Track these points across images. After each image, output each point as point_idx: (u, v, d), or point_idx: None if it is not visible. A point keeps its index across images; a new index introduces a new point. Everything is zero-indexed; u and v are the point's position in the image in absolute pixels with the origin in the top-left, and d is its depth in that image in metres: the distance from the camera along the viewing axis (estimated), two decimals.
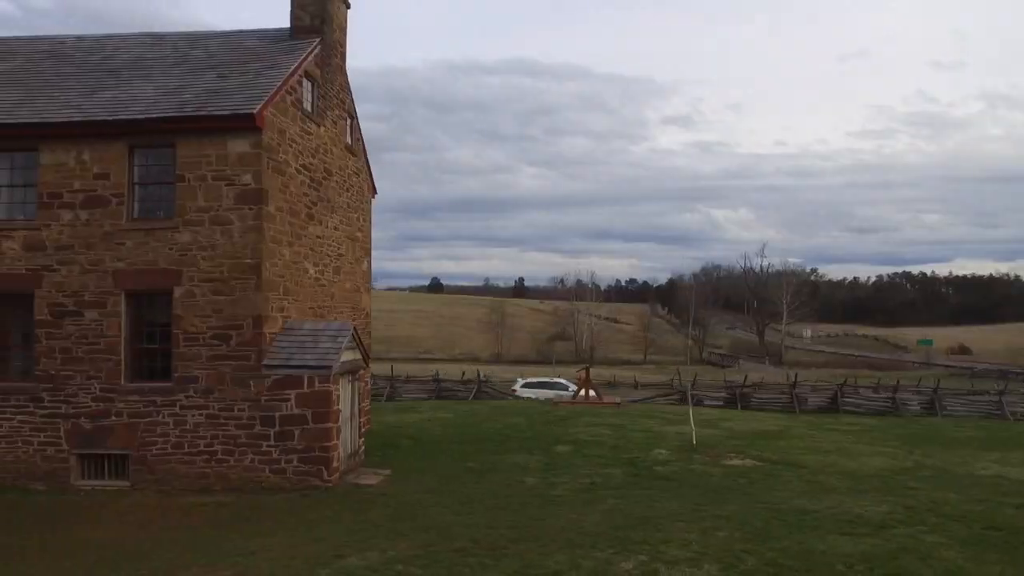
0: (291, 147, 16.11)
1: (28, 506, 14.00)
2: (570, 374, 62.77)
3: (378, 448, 18.65)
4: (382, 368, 43.34)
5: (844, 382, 35.78)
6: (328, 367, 14.78)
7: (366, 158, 21.80)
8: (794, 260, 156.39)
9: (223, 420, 14.84)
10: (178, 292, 14.94)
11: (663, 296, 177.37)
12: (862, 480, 16.04)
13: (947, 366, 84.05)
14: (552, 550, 10.82)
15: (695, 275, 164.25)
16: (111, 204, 15.12)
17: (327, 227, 18.39)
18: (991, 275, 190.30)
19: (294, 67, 16.32)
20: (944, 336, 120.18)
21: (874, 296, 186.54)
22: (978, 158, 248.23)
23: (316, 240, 17.66)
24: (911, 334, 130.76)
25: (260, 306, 14.81)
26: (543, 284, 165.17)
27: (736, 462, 17.75)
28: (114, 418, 15.04)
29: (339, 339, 15.41)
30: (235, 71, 16.51)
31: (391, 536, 11.80)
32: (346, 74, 19.61)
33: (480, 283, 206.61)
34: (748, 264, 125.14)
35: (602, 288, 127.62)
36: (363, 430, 17.37)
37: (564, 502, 13.77)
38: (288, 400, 14.74)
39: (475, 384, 37.25)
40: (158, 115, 14.88)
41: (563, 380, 39.98)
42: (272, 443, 14.76)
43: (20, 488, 15.08)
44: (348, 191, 20.02)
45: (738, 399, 33.50)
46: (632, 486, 15.14)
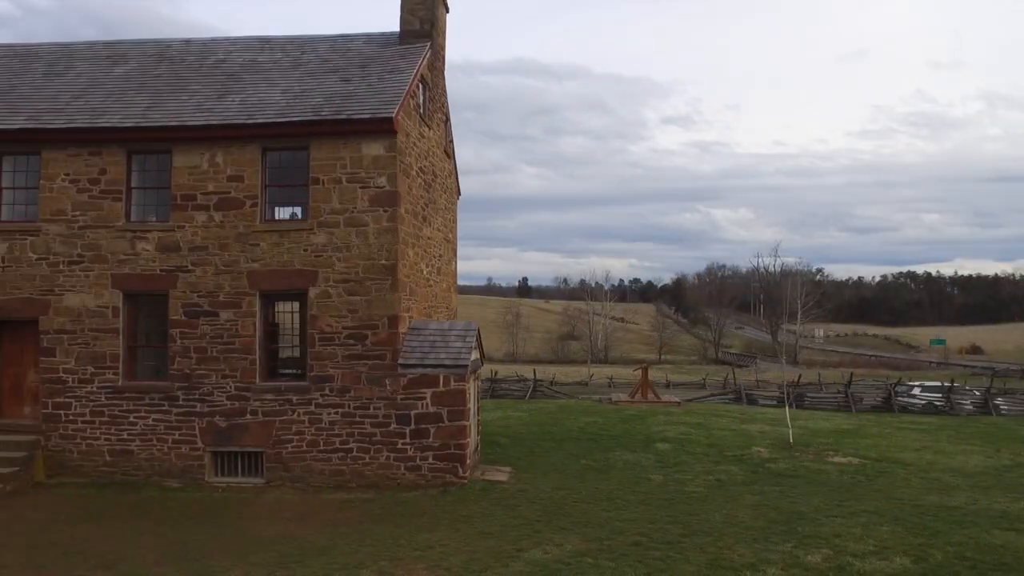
0: (413, 150, 16.40)
1: (174, 502, 14.25)
2: (583, 373, 63.16)
3: (482, 446, 18.94)
4: None
5: (899, 380, 36.11)
6: (464, 366, 15.08)
7: (454, 160, 22.09)
8: (794, 260, 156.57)
9: (359, 418, 15.12)
10: (313, 292, 15.21)
11: (669, 295, 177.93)
12: (975, 477, 16.37)
13: (964, 366, 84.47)
14: (729, 543, 11.15)
15: (700, 275, 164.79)
16: (245, 206, 15.39)
17: (433, 228, 18.69)
18: (996, 275, 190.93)
19: (415, 71, 16.61)
20: (954, 336, 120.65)
21: (880, 296, 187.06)
22: (978, 158, 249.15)
23: (427, 241, 17.96)
24: (921, 334, 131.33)
25: (395, 306, 15.10)
26: (546, 284, 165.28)
27: (840, 460, 18.07)
28: (249, 416, 15.31)
29: (468, 339, 15.71)
30: (355, 75, 16.79)
31: (555, 531, 12.12)
32: (445, 77, 19.88)
33: (483, 282, 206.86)
34: (761, 264, 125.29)
35: (606, 288, 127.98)
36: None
37: (704, 498, 14.08)
38: (423, 398, 15.03)
39: (530, 383, 37.60)
40: (296, 119, 15.15)
41: None
42: (408, 440, 15.04)
43: (156, 485, 15.34)
44: (445, 193, 20.32)
45: (792, 398, 33.79)
46: (759, 483, 15.44)
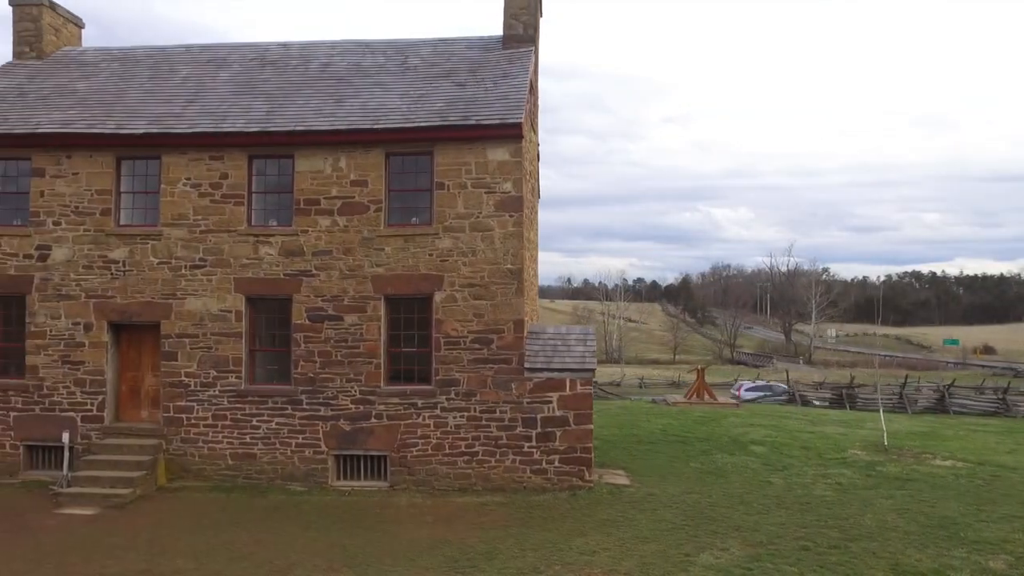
0: (527, 154, 16.48)
1: (307, 506, 14.30)
2: (607, 374, 63.33)
3: None
4: None
5: (952, 382, 36.30)
6: (590, 370, 15.18)
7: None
8: (806, 260, 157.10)
9: (484, 422, 15.19)
10: (439, 297, 15.29)
11: (674, 295, 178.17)
12: None
13: (983, 366, 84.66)
14: (898, 548, 11.26)
15: (704, 275, 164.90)
16: (369, 211, 15.46)
17: (534, 231, 18.78)
18: (1002, 274, 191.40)
19: (528, 76, 16.69)
20: (964, 336, 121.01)
21: (887, 295, 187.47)
22: (977, 157, 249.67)
23: (531, 244, 18.05)
24: (931, 334, 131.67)
25: (520, 310, 15.18)
26: (549, 283, 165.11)
27: (943, 463, 18.17)
28: (374, 420, 15.38)
29: (588, 343, 15.80)
30: (469, 80, 16.86)
31: (710, 535, 12.23)
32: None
33: None
34: (774, 264, 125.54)
35: (609, 287, 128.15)
36: None
37: (838, 502, 14.17)
38: (550, 402, 15.11)
39: None
40: (423, 124, 15.20)
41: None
42: (534, 444, 15.12)
43: (279, 489, 15.40)
44: (537, 195, 20.40)
45: (845, 399, 33.98)
46: (882, 486, 15.52)
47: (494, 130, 15.07)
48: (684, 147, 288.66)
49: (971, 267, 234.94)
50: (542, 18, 19.58)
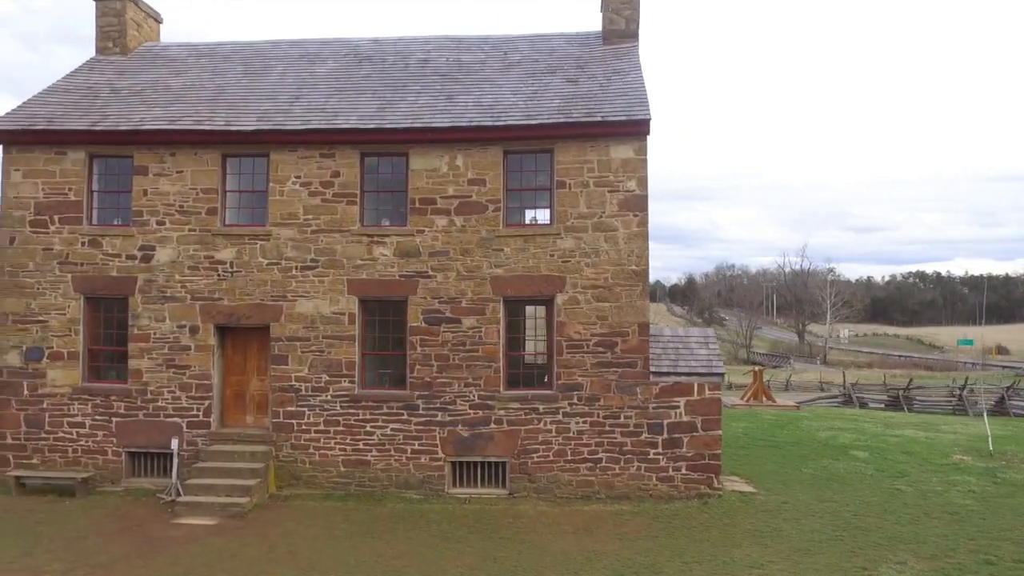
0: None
1: (434, 515, 13.83)
2: None
3: None
4: None
5: (1013, 383, 35.82)
6: (720, 374, 14.75)
7: None
8: (810, 260, 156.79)
9: (608, 427, 14.75)
10: (561, 299, 14.83)
11: (680, 295, 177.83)
12: None
13: (1006, 367, 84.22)
14: None
15: (708, 275, 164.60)
16: (487, 210, 15.00)
17: None
18: (1007, 274, 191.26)
19: (642, 72, 16.25)
20: (975, 335, 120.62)
21: (894, 295, 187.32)
22: (977, 157, 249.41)
23: None
24: (941, 333, 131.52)
25: (645, 312, 14.74)
26: None
27: None
28: (493, 425, 14.92)
29: (711, 345, 15.36)
30: (578, 76, 16.43)
31: (874, 548, 11.86)
32: None
33: None
34: (785, 264, 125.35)
35: None
36: None
37: (985, 512, 13.73)
38: (676, 407, 14.67)
39: None
40: (545, 121, 14.74)
41: None
42: (660, 450, 14.68)
43: (395, 496, 14.94)
44: None
45: (903, 401, 33.58)
46: (1017, 494, 15.08)
47: (619, 127, 14.62)
48: (683, 146, 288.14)
49: (970, 267, 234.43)
50: None
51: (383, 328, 15.46)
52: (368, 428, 15.14)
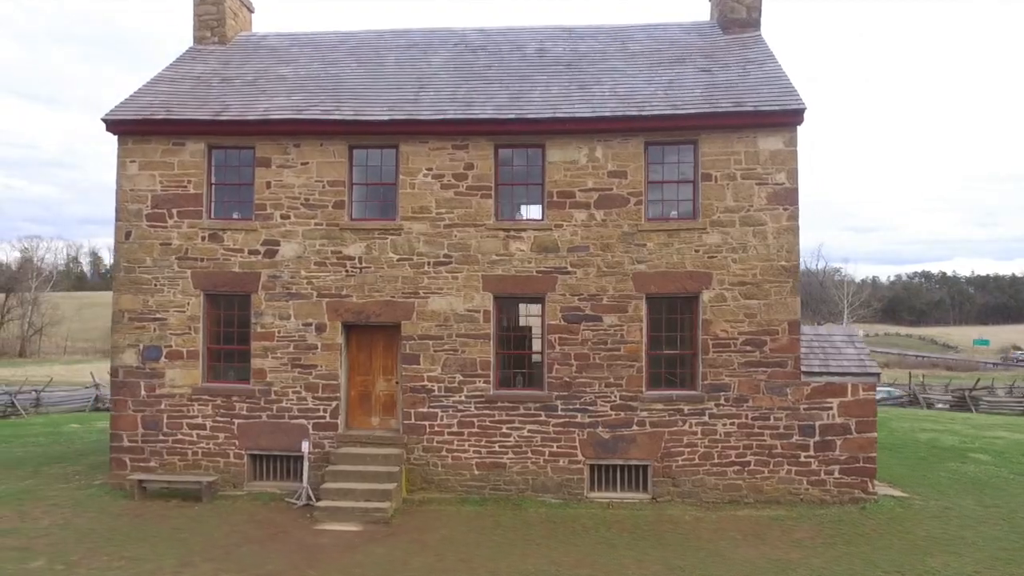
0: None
1: (587, 520, 13.25)
2: None
3: None
4: None
5: None
6: (874, 374, 14.22)
7: None
8: (827, 261, 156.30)
9: (757, 429, 14.21)
10: (707, 296, 14.29)
11: None
12: None
13: None
14: None
15: None
16: (628, 204, 14.45)
17: None
18: (1013, 275, 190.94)
19: (775, 60, 15.72)
20: (990, 335, 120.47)
21: (902, 295, 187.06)
22: (977, 157, 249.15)
23: None
24: (953, 333, 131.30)
25: (796, 310, 14.19)
26: None
27: None
28: (635, 427, 14.38)
29: (858, 344, 14.85)
30: (711, 66, 15.89)
31: None
32: None
33: None
34: (804, 265, 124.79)
35: None
36: None
37: None
38: (829, 408, 14.13)
39: None
40: (692, 111, 14.20)
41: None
42: (811, 453, 14.14)
43: (532, 501, 14.39)
44: None
45: (969, 402, 33.11)
46: None
47: (770, 117, 14.09)
48: None
49: (969, 267, 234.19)
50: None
51: (518, 326, 14.89)
52: (504, 430, 14.57)
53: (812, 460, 14.14)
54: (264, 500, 14.50)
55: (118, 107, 15.29)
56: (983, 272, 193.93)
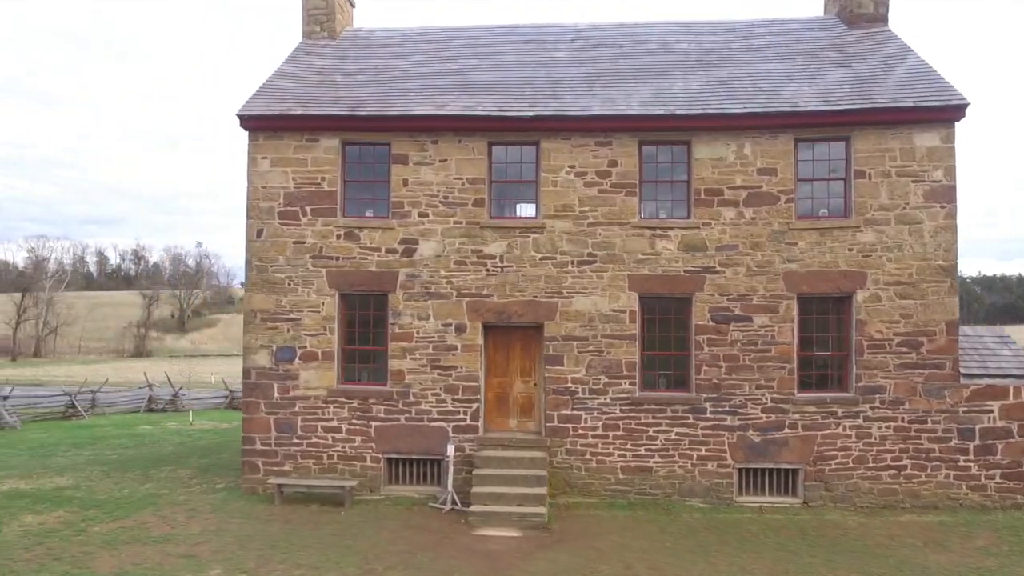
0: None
1: (752, 526, 12.92)
2: None
3: None
4: None
5: None
6: None
7: None
8: None
9: (914, 433, 13.89)
10: (861, 296, 13.97)
11: None
12: None
13: None
14: None
15: None
16: (778, 202, 14.14)
17: None
18: (1020, 275, 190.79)
19: (916, 55, 15.41)
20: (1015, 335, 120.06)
21: None
22: (975, 157, 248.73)
23: None
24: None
25: (954, 310, 13.87)
26: None
27: None
28: (787, 430, 14.06)
29: (1012, 345, 14.54)
30: (848, 61, 15.56)
31: None
32: None
33: None
34: None
35: None
36: None
37: None
38: (990, 411, 13.82)
39: None
40: (847, 107, 13.89)
41: None
42: (971, 457, 13.83)
43: (680, 505, 14.07)
44: None
45: None
46: None
47: (929, 113, 13.77)
48: None
49: (976, 267, 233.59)
50: None
51: (663, 326, 14.56)
52: (651, 432, 14.25)
53: (972, 464, 13.83)
54: (405, 505, 14.17)
55: (249, 102, 14.95)
56: (989, 272, 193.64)
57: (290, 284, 14.72)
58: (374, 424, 14.59)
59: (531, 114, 14.23)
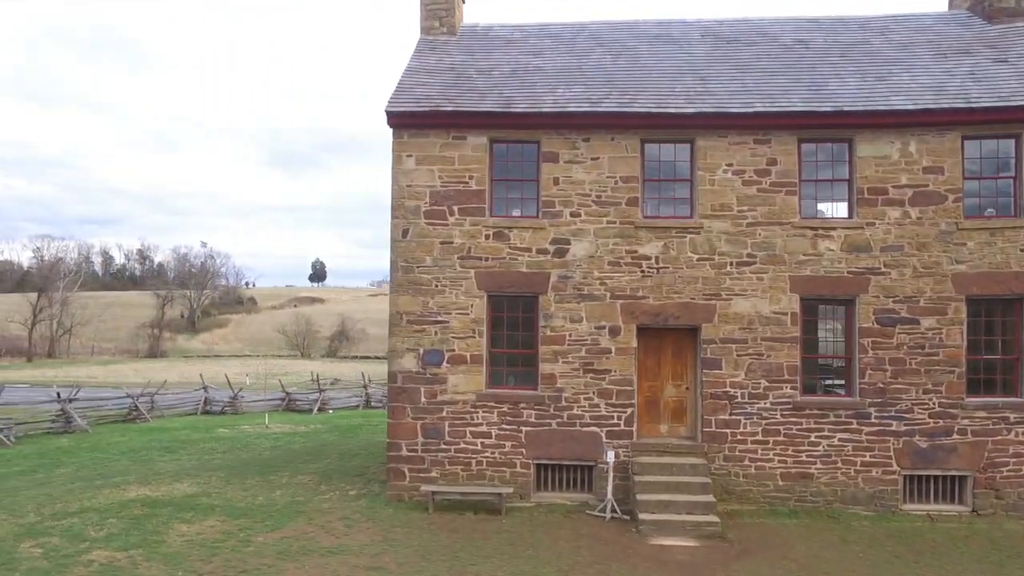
0: None
1: (931, 536, 12.59)
2: None
3: None
4: None
5: None
6: None
7: None
8: None
9: None
10: None
11: None
12: None
13: None
14: None
15: None
16: (945, 201, 13.77)
17: None
18: None
19: None
20: None
21: None
22: None
23: None
24: None
25: None
26: None
27: None
28: (956, 436, 13.68)
29: None
30: (1004, 56, 15.19)
31: None
32: None
33: None
34: None
35: None
36: None
37: None
38: None
39: None
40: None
41: None
42: None
43: (845, 513, 13.69)
44: None
45: None
46: None
47: None
48: None
49: None
50: None
51: (823, 329, 14.18)
52: (813, 438, 13.87)
53: None
54: (560, 512, 13.78)
55: (394, 98, 14.55)
56: None
57: (437, 285, 14.32)
58: (524, 429, 14.20)
59: (692, 111, 13.85)
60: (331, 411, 33.97)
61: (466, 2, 18.95)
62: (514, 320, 14.46)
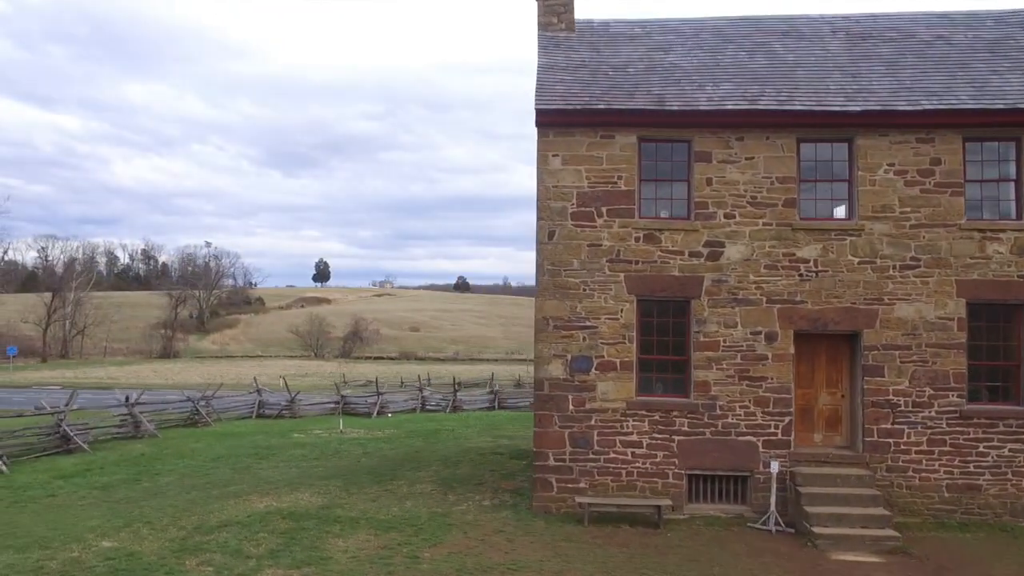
0: None
1: None
2: None
3: None
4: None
5: None
6: None
7: None
8: None
9: None
10: None
11: None
12: None
13: None
14: None
15: None
16: None
17: None
18: None
19: None
20: None
21: None
22: None
23: None
24: None
25: None
26: None
27: None
28: None
29: None
30: None
31: None
32: None
33: (499, 281, 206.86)
34: None
35: None
36: None
37: None
38: None
39: None
40: None
41: None
42: None
43: (1015, 526, 13.21)
44: None
45: None
46: None
47: None
48: None
49: None
50: None
51: (991, 335, 13.68)
52: (981, 448, 13.39)
53: None
54: (719, 525, 13.28)
55: (540, 96, 14.04)
56: None
57: (585, 289, 13.82)
58: (677, 438, 13.69)
59: (857, 109, 13.36)
60: (389, 415, 33.46)
61: None
62: (664, 325, 13.95)
